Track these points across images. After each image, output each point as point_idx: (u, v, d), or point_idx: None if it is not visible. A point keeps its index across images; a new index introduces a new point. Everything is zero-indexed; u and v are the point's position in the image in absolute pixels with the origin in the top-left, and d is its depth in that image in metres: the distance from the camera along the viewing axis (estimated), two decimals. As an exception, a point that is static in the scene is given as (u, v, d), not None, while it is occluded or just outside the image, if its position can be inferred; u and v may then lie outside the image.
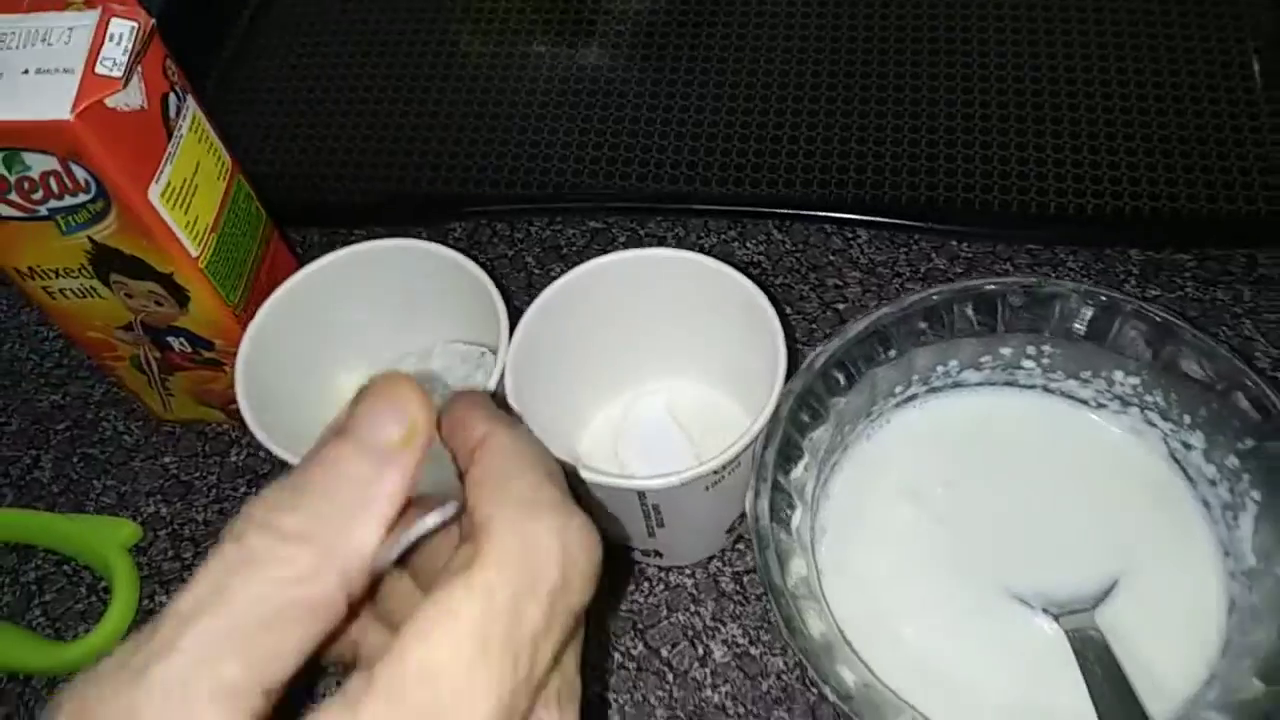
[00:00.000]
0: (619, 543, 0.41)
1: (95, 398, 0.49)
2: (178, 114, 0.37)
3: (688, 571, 0.42)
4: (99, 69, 0.33)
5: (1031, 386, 0.41)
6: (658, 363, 0.43)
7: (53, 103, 0.32)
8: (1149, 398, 0.39)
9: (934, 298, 0.39)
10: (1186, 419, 0.38)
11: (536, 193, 0.53)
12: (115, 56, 0.33)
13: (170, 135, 0.36)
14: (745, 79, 0.56)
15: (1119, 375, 0.39)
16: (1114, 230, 0.49)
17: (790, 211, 0.50)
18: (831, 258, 0.50)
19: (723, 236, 0.51)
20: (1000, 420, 0.41)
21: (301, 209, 0.53)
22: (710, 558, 0.42)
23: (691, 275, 0.39)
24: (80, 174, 0.34)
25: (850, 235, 0.50)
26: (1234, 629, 0.36)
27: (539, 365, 0.39)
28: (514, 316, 0.38)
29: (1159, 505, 0.39)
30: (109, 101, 0.33)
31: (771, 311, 0.37)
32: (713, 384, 0.44)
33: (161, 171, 0.36)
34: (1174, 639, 0.36)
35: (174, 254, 0.37)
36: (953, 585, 0.38)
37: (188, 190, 0.37)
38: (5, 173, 0.34)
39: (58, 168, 0.34)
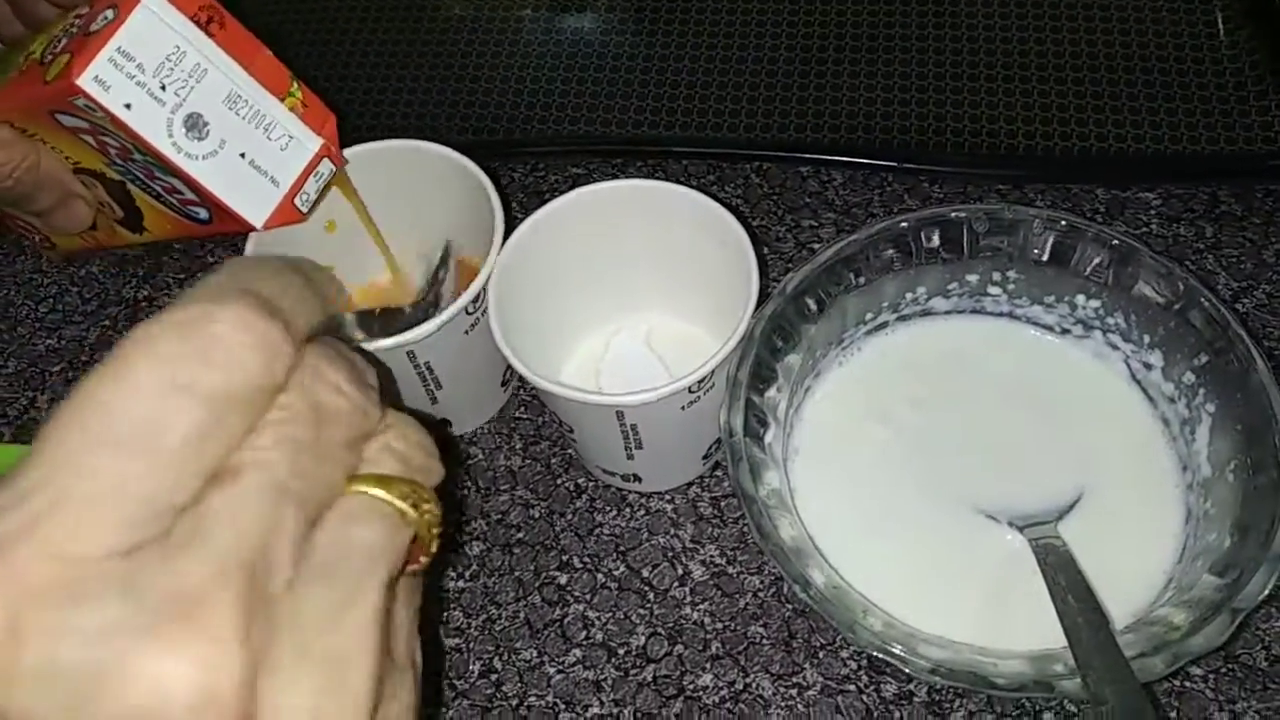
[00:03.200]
0: (600, 468, 0.43)
1: (90, 340, 0.50)
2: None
3: (667, 497, 0.43)
4: (297, 200, 0.37)
5: (998, 314, 0.43)
6: (638, 295, 0.44)
7: (253, 207, 0.37)
8: (1110, 320, 0.40)
9: (901, 224, 0.40)
10: (1146, 339, 0.39)
11: (518, 138, 0.54)
12: (310, 193, 0.38)
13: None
14: (724, 28, 0.57)
15: (1081, 299, 0.41)
16: (1081, 169, 0.50)
17: (767, 154, 0.51)
18: (807, 200, 0.51)
19: (702, 181, 0.52)
20: (969, 346, 0.43)
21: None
22: (689, 484, 0.44)
23: (669, 206, 0.40)
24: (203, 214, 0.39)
25: (826, 178, 0.51)
26: (1190, 536, 0.37)
27: (522, 293, 0.40)
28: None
29: (1121, 424, 0.40)
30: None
31: (743, 233, 0.38)
32: (692, 318, 0.45)
33: None
34: (1134, 549, 0.38)
35: None
36: (922, 502, 0.39)
37: None
38: (153, 169, 0.37)
39: (196, 199, 0.38)
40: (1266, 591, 0.32)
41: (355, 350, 0.26)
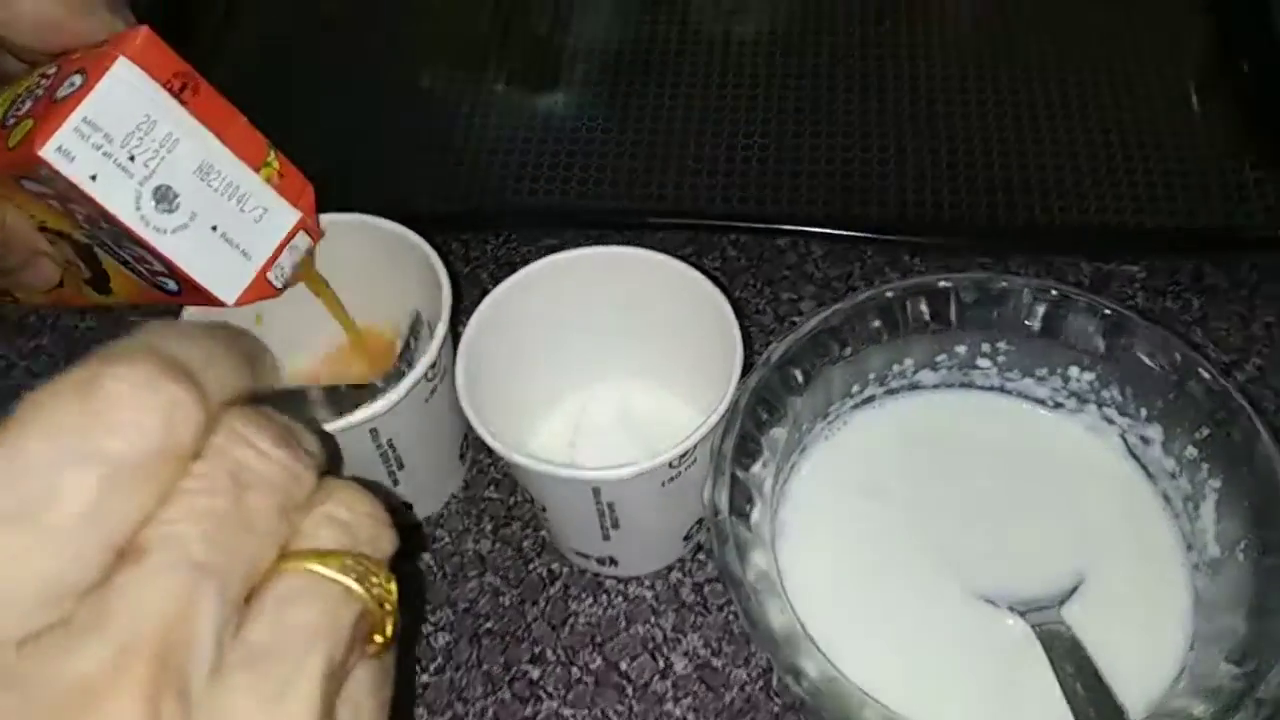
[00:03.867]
0: (575, 551, 0.40)
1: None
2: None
3: (647, 583, 0.41)
4: (270, 275, 0.35)
5: (989, 387, 0.41)
6: (614, 364, 0.43)
7: (224, 283, 0.35)
8: (1105, 393, 0.39)
9: (887, 294, 0.39)
10: (1143, 412, 0.38)
11: (491, 210, 0.52)
12: (285, 266, 0.36)
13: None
14: (699, 99, 0.56)
15: (1074, 371, 0.39)
16: (1064, 241, 0.50)
17: (745, 225, 0.50)
18: (786, 272, 0.50)
19: (679, 252, 0.49)
20: (959, 421, 0.41)
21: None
22: (669, 568, 0.41)
23: (645, 273, 0.39)
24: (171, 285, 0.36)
25: (805, 250, 0.50)
26: (1200, 621, 0.35)
27: (490, 362, 0.38)
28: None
29: (1121, 502, 0.39)
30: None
31: (725, 301, 0.37)
32: (670, 388, 0.43)
33: None
34: (1142, 634, 0.36)
35: None
36: (917, 585, 0.37)
37: None
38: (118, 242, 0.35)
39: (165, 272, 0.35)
40: (1291, 679, 0.30)
41: (311, 429, 0.23)
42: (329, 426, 0.35)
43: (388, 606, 0.22)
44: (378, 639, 0.23)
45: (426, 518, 0.43)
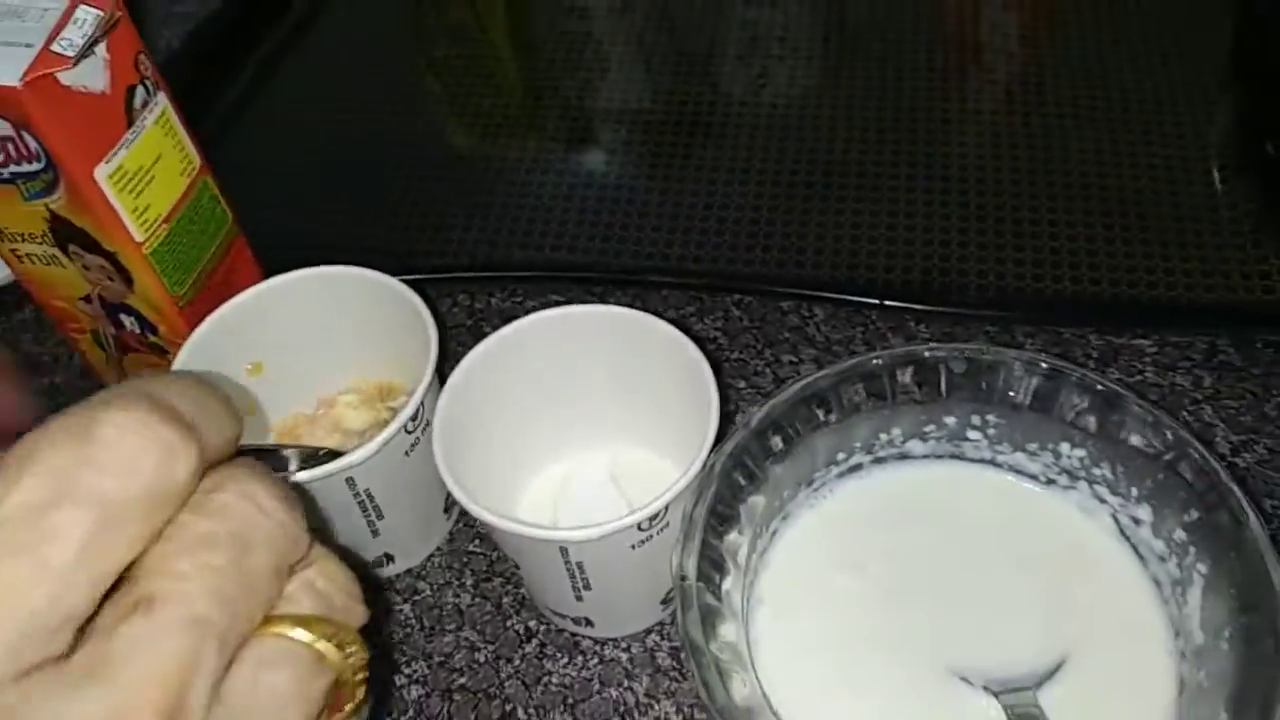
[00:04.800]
0: (551, 610, 0.40)
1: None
2: (144, 106, 0.39)
3: (623, 645, 0.41)
4: (55, 47, 0.35)
5: (979, 460, 0.40)
6: (602, 425, 0.42)
7: (7, 71, 0.35)
8: (1096, 470, 0.38)
9: (874, 361, 0.38)
10: (1134, 492, 0.37)
11: (497, 265, 0.53)
12: (73, 38, 0.36)
13: (131, 123, 0.38)
14: (710, 161, 0.56)
15: (1065, 447, 0.38)
16: (1073, 312, 0.49)
17: (749, 286, 0.50)
18: (787, 335, 0.49)
19: (681, 311, 0.50)
20: (947, 494, 0.40)
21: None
22: (647, 631, 0.41)
23: (627, 332, 0.39)
24: (32, 143, 0.36)
25: (807, 313, 0.50)
26: (1185, 710, 0.34)
27: (473, 418, 0.38)
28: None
29: (1108, 584, 0.38)
30: (64, 79, 0.35)
31: (703, 360, 0.37)
32: (659, 451, 0.43)
33: (114, 154, 0.38)
34: (1123, 721, 0.34)
35: (117, 235, 0.39)
36: (892, 661, 0.36)
37: (141, 178, 0.39)
38: None
39: (13, 134, 0.36)
40: (1266, 779, 0.28)
41: (285, 482, 0.24)
42: (304, 474, 0.35)
43: (359, 676, 0.23)
44: (347, 707, 0.23)
45: (408, 569, 0.43)
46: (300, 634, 0.21)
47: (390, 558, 0.42)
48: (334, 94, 0.64)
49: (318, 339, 0.43)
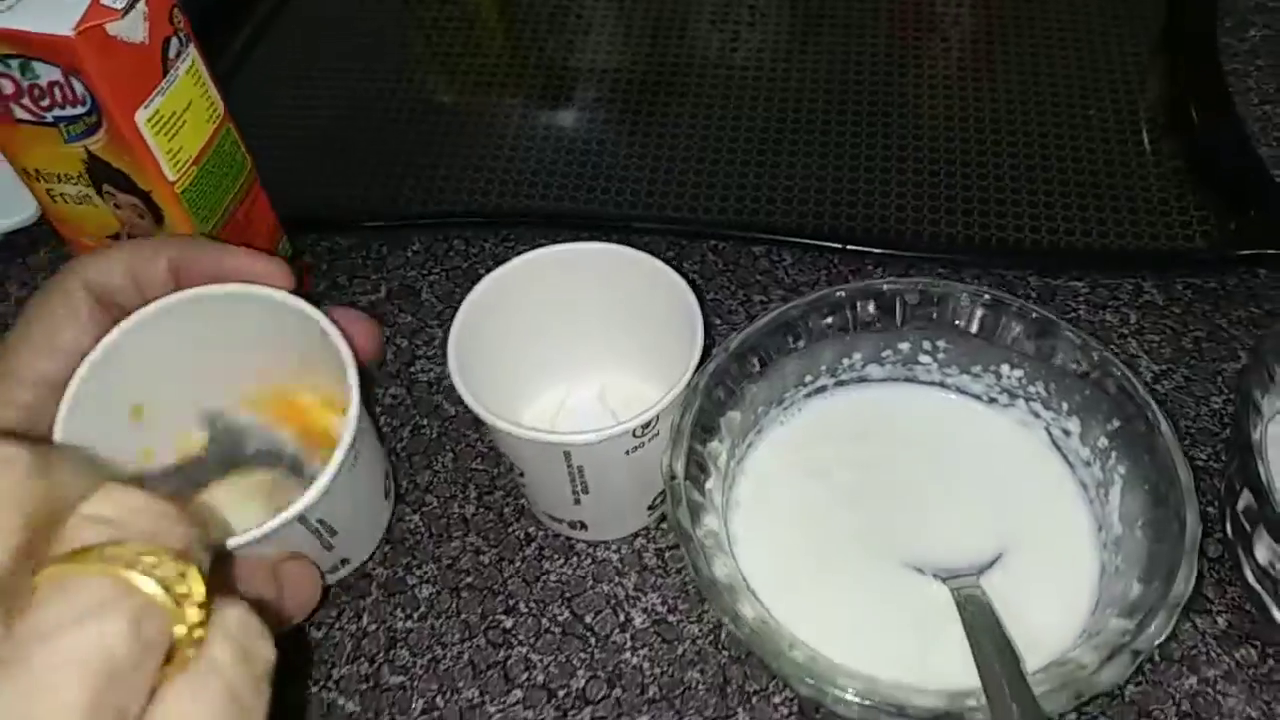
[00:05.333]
0: (549, 515, 0.45)
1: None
2: (177, 56, 0.42)
3: (614, 547, 0.45)
4: (104, 0, 0.39)
5: (929, 382, 0.45)
6: (593, 354, 0.47)
7: (61, 21, 0.38)
8: (1032, 389, 0.43)
9: (838, 294, 0.43)
10: (1064, 406, 0.42)
11: (490, 213, 0.57)
12: None
13: (166, 72, 0.42)
14: (687, 117, 0.61)
15: (1005, 369, 0.43)
16: (1015, 257, 0.54)
17: (723, 233, 0.55)
18: (759, 277, 0.54)
19: (662, 256, 0.53)
20: (901, 412, 0.45)
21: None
22: (635, 535, 0.45)
23: (621, 268, 0.43)
24: (79, 88, 0.40)
25: (776, 258, 0.55)
26: (1104, 589, 0.39)
27: (481, 347, 0.42)
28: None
29: (1041, 487, 0.43)
30: (110, 29, 0.39)
31: (688, 290, 0.41)
32: (645, 378, 0.47)
33: (151, 100, 0.41)
34: (1052, 602, 0.40)
35: (153, 175, 0.42)
36: (853, 554, 0.41)
37: (175, 122, 0.43)
38: (20, 78, 0.40)
39: (61, 79, 0.39)
40: (1166, 633, 0.34)
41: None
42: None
43: (184, 591, 0.20)
44: (188, 652, 0.20)
45: (416, 482, 0.47)
46: (71, 566, 0.18)
47: (345, 561, 0.43)
48: (328, 51, 0.67)
49: (196, 363, 0.41)
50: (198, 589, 0.20)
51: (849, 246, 0.53)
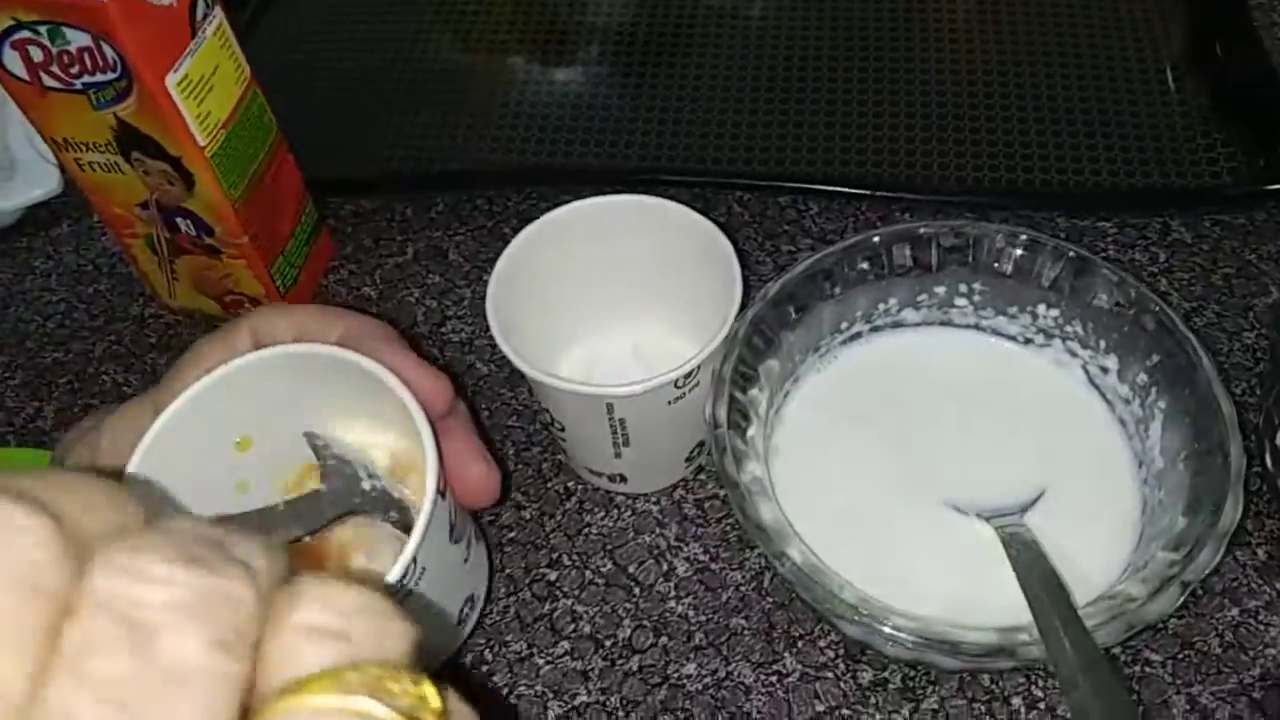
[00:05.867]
0: (589, 469, 0.45)
1: (96, 354, 0.52)
2: (204, 19, 0.42)
3: (653, 499, 0.45)
4: None
5: (966, 325, 0.45)
6: (629, 307, 0.46)
7: None
8: (1069, 328, 0.43)
9: (874, 239, 0.43)
10: (1102, 344, 0.42)
11: (514, 168, 0.57)
12: None
13: (194, 35, 0.42)
14: (709, 68, 0.60)
15: (1041, 309, 0.43)
16: (1043, 199, 0.54)
17: (748, 183, 0.55)
18: (785, 227, 0.54)
19: (688, 208, 0.55)
20: (939, 356, 0.45)
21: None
22: (674, 486, 0.46)
23: (661, 220, 0.43)
24: (109, 53, 0.40)
25: (803, 207, 0.54)
26: (1146, 524, 0.39)
27: (519, 299, 0.42)
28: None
29: (1081, 425, 0.43)
30: None
31: (728, 243, 0.41)
32: (678, 332, 0.47)
33: (181, 64, 0.41)
34: (1096, 539, 0.40)
35: (183, 139, 0.43)
36: (896, 497, 0.42)
37: (203, 86, 0.43)
38: (50, 45, 0.40)
39: (91, 45, 0.39)
40: (1215, 563, 0.34)
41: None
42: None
43: (433, 706, 0.17)
44: None
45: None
46: (314, 699, 0.16)
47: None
48: (341, 13, 0.66)
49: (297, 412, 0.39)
50: (434, 702, 0.17)
51: (876, 193, 0.53)
